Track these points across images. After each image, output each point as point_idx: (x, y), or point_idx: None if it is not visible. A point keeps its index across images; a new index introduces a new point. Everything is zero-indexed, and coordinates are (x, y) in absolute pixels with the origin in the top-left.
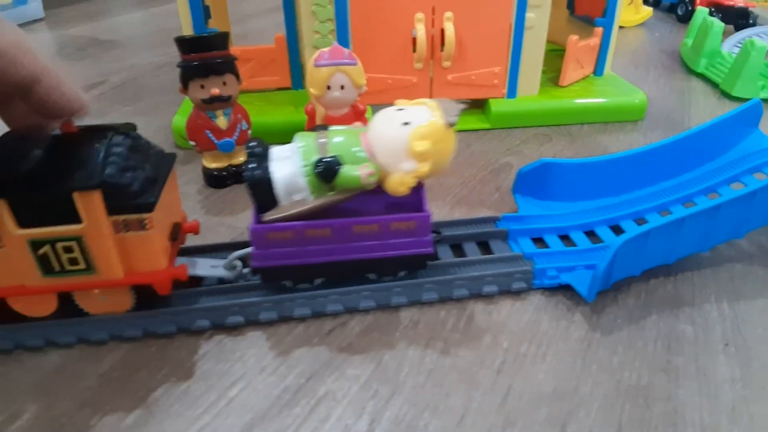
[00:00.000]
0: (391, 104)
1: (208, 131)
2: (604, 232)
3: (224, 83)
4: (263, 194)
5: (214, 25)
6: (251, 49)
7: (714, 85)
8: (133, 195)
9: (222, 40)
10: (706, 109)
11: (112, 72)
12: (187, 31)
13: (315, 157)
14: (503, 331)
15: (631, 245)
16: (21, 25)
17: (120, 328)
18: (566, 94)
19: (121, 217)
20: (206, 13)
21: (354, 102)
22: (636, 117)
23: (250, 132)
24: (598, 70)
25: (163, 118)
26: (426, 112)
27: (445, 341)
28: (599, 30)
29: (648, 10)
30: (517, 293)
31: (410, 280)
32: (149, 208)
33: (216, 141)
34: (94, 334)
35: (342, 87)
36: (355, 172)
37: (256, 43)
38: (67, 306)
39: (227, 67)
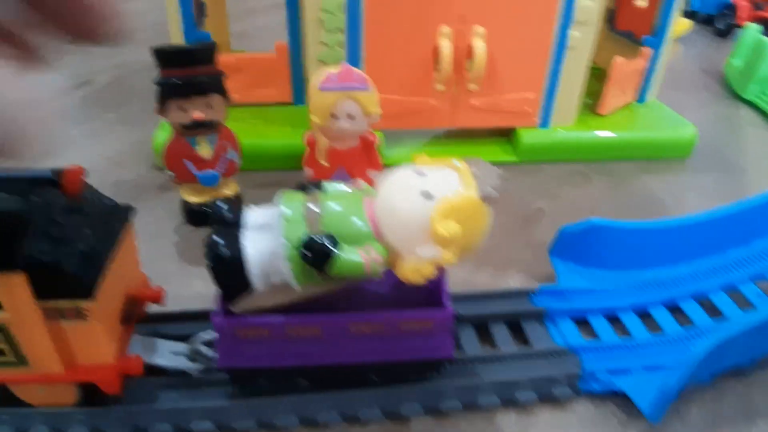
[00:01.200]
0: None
1: (187, 161)
2: (662, 317)
3: (209, 105)
4: (231, 277)
5: (211, 23)
6: (247, 58)
7: (766, 115)
8: (66, 277)
9: (208, 53)
10: (760, 146)
11: (100, 71)
12: (175, 32)
13: (303, 234)
14: None
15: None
16: None
17: (65, 424)
18: (606, 125)
19: (54, 304)
20: (201, 11)
21: (363, 133)
22: (683, 154)
23: (239, 161)
24: (641, 96)
25: (148, 129)
26: (454, 180)
27: None
28: (647, 51)
29: (687, 23)
30: (559, 401)
31: (425, 383)
32: (87, 293)
33: (196, 173)
34: (35, 428)
35: (350, 116)
36: (356, 257)
37: (259, 42)
38: (5, 392)
39: (213, 86)
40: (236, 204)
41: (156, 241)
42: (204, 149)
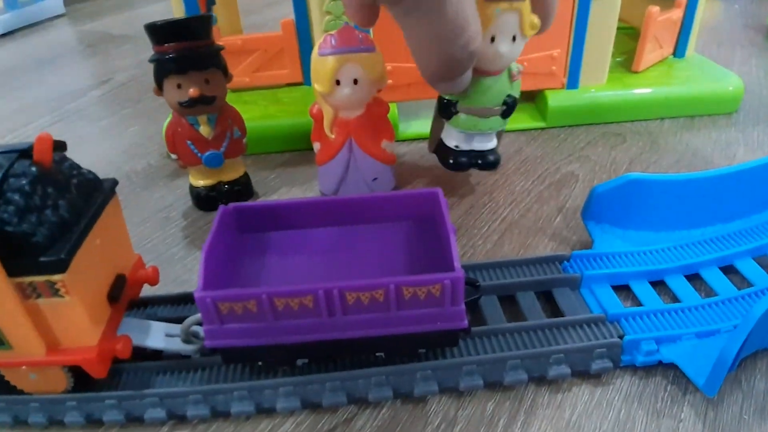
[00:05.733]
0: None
1: (189, 142)
2: (715, 278)
3: (207, 81)
4: None
5: (221, 13)
6: (254, 38)
7: None
8: (34, 249)
9: (203, 25)
10: None
11: (119, 69)
12: (179, 15)
13: None
14: None
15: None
16: (41, 22)
17: (60, 411)
18: (642, 82)
19: (27, 279)
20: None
21: (371, 100)
22: (729, 109)
23: (245, 140)
24: (679, 50)
25: (161, 121)
26: None
27: None
28: (681, 0)
29: None
30: (597, 376)
31: (443, 359)
32: (60, 267)
33: (199, 154)
34: (32, 417)
35: (355, 81)
36: None
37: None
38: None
39: (210, 60)
40: (245, 186)
41: (164, 227)
42: (205, 129)
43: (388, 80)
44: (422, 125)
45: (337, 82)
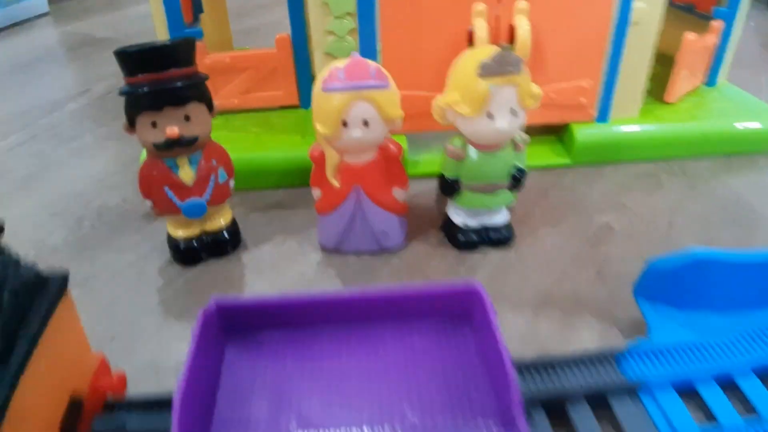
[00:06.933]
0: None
1: (166, 188)
2: None
3: (187, 117)
4: None
5: (209, 21)
6: (244, 55)
7: None
8: None
9: (184, 51)
10: None
11: (99, 78)
12: (161, 31)
13: None
14: None
15: None
16: (25, 21)
17: None
18: (676, 116)
19: None
20: (196, 5)
21: (383, 142)
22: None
23: (231, 183)
24: (710, 78)
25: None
26: None
27: None
28: (717, 25)
29: None
30: None
31: None
32: None
33: (179, 202)
34: None
35: (365, 123)
36: None
37: (269, 40)
38: None
39: (192, 93)
40: (232, 235)
41: (137, 286)
42: (185, 173)
43: (403, 116)
44: (434, 160)
45: (344, 123)
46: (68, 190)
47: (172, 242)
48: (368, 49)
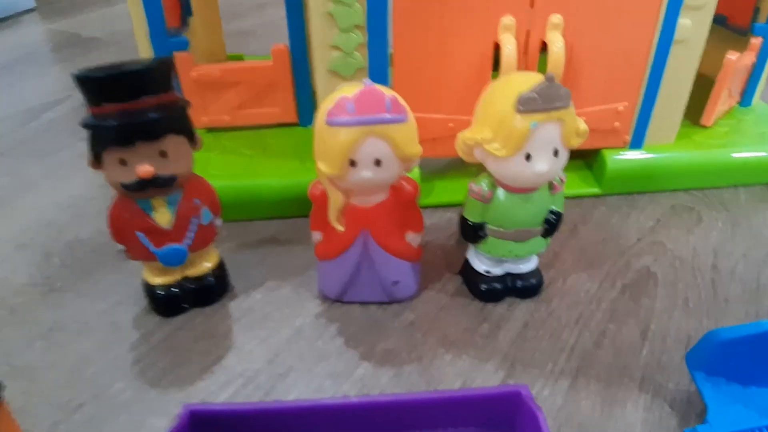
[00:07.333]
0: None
1: (140, 234)
2: None
3: (163, 153)
4: None
5: (199, 24)
6: (237, 68)
7: None
8: None
9: (159, 74)
10: None
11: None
12: (141, 37)
13: None
14: None
15: None
16: (11, 17)
17: None
18: (714, 141)
19: None
20: (184, 8)
21: (396, 182)
22: None
23: (218, 222)
24: (745, 99)
25: None
26: None
27: None
28: (756, 42)
29: None
30: None
31: None
32: None
33: (154, 249)
34: None
35: (377, 162)
36: None
37: (267, 44)
38: None
39: (168, 125)
40: (218, 280)
41: (109, 340)
42: (162, 216)
43: (421, 153)
44: (448, 189)
45: (352, 163)
46: (38, 217)
47: (150, 290)
48: (378, 67)
